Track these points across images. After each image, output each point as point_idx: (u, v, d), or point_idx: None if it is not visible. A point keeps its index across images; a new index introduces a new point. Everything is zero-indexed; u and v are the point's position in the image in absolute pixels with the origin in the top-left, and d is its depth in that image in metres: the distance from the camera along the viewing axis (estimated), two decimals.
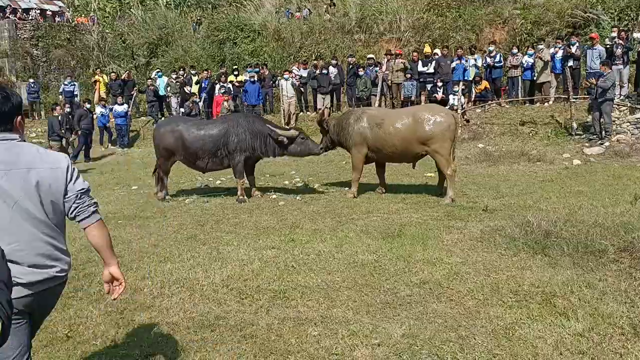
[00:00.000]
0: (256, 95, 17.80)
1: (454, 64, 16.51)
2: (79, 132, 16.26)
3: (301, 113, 18.26)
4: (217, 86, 18.23)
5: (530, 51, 15.90)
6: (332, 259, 5.72)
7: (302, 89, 18.28)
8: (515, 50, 16.16)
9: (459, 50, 16.95)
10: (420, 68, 16.78)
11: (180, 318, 4.38)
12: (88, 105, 17.41)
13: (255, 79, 18.04)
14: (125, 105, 18.56)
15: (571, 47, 14.91)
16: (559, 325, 3.93)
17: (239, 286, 5.02)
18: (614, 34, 14.37)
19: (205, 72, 19.48)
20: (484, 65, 16.51)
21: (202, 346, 3.87)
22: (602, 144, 12.96)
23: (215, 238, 6.79)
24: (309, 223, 7.39)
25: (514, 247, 5.81)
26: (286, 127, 9.62)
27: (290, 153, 9.54)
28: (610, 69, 13.24)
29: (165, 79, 19.68)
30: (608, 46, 14.45)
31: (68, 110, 17.89)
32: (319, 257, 5.78)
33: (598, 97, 13.04)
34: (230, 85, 18.21)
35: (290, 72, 18.01)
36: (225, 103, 16.63)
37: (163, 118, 19.24)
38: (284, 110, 17.68)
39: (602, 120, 13.19)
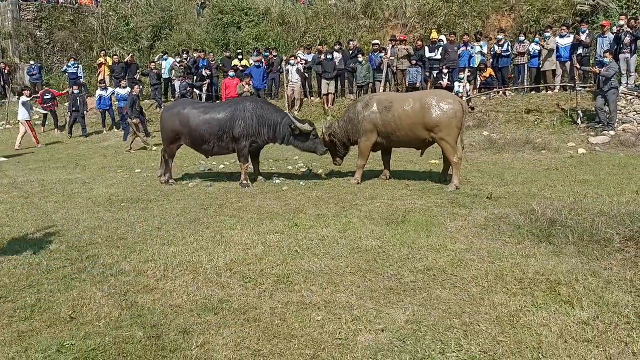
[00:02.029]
0: (261, 80, 17.72)
1: (460, 51, 16.37)
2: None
3: (305, 99, 18.18)
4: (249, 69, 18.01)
5: (537, 39, 15.76)
6: (336, 244, 5.70)
7: (306, 74, 18.18)
8: (522, 38, 16.01)
9: (465, 37, 16.80)
10: (427, 54, 16.64)
11: (183, 301, 4.38)
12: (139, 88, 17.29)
13: (262, 62, 17.93)
14: (129, 89, 18.49)
15: (581, 34, 14.76)
16: (564, 314, 3.91)
17: (242, 270, 5.02)
18: (622, 22, 14.22)
19: (200, 53, 19.33)
20: (492, 53, 16.35)
21: (205, 329, 3.87)
22: (606, 132, 12.88)
23: (219, 222, 6.78)
24: (312, 208, 7.37)
25: (518, 235, 5.78)
26: (298, 119, 9.50)
27: (296, 145, 9.46)
28: (613, 57, 13.12)
29: (171, 60, 19.58)
30: (615, 33, 14.30)
31: (77, 92, 17.87)
32: (322, 243, 5.76)
33: (602, 86, 12.95)
34: (238, 69, 18.11)
35: (296, 57, 17.91)
36: (247, 87, 16.53)
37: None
38: (288, 96, 17.61)
39: (606, 109, 13.10)
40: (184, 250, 5.62)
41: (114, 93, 18.38)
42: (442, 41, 16.96)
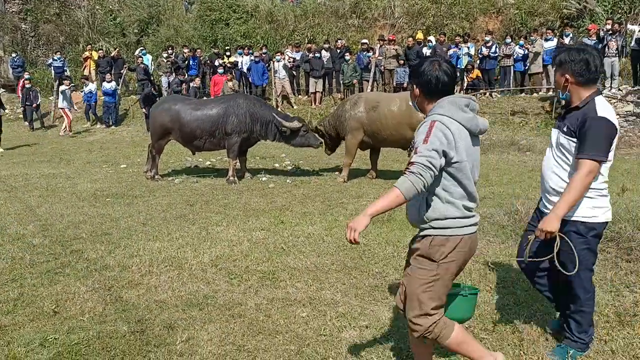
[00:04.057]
0: (259, 75, 17.65)
1: (450, 52, 16.47)
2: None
3: (292, 96, 18.16)
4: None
5: (522, 42, 15.92)
6: (322, 241, 5.73)
7: (294, 72, 18.17)
8: (508, 40, 16.16)
9: (457, 38, 16.90)
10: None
11: (168, 296, 4.37)
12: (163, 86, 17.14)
13: (261, 58, 17.87)
14: (114, 83, 18.35)
15: (564, 37, 14.93)
16: (545, 312, 3.97)
17: (228, 266, 5.02)
18: (608, 26, 14.40)
19: (188, 50, 19.29)
20: (479, 55, 16.46)
21: (190, 324, 3.87)
22: None
23: (205, 218, 6.77)
24: (298, 206, 7.39)
25: (502, 234, 5.85)
26: (289, 115, 9.63)
27: (290, 143, 9.53)
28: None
29: (149, 56, 19.48)
30: (597, 35, 14.47)
31: (29, 86, 17.72)
32: (308, 240, 5.78)
33: None
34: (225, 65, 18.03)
35: (283, 53, 17.89)
36: (230, 83, 16.44)
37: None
38: (275, 93, 17.59)
39: None
40: (169, 246, 5.60)
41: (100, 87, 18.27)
42: (431, 42, 17.05)
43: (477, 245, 2.90)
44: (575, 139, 3.14)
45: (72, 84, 18.11)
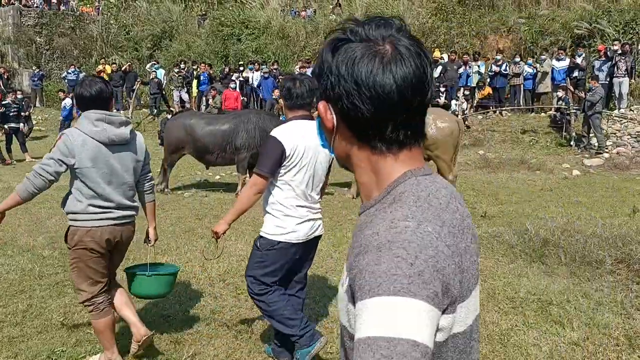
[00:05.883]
0: (269, 91, 17.77)
1: (460, 70, 16.53)
2: None
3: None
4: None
5: (530, 61, 15.97)
6: (330, 258, 5.72)
7: None
8: (517, 59, 16.19)
9: (465, 56, 16.96)
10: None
11: (175, 311, 4.38)
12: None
13: (269, 74, 17.98)
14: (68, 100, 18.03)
15: (577, 57, 14.97)
16: (554, 334, 3.93)
17: (235, 281, 5.02)
18: (616, 47, 14.42)
19: (204, 64, 19.44)
20: (491, 73, 16.49)
21: (196, 339, 3.87)
22: (600, 154, 13.00)
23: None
24: None
25: (511, 254, 5.82)
26: None
27: None
28: (598, 83, 13.31)
29: (162, 71, 19.65)
30: (607, 57, 14.52)
31: (21, 97, 17.67)
32: (317, 256, 5.74)
33: (587, 110, 13.08)
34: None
35: (305, 68, 17.86)
36: (211, 100, 16.50)
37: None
38: None
39: (591, 133, 13.26)
40: (177, 260, 5.61)
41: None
42: (443, 59, 17.13)
43: (117, 234, 3.37)
44: None
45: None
